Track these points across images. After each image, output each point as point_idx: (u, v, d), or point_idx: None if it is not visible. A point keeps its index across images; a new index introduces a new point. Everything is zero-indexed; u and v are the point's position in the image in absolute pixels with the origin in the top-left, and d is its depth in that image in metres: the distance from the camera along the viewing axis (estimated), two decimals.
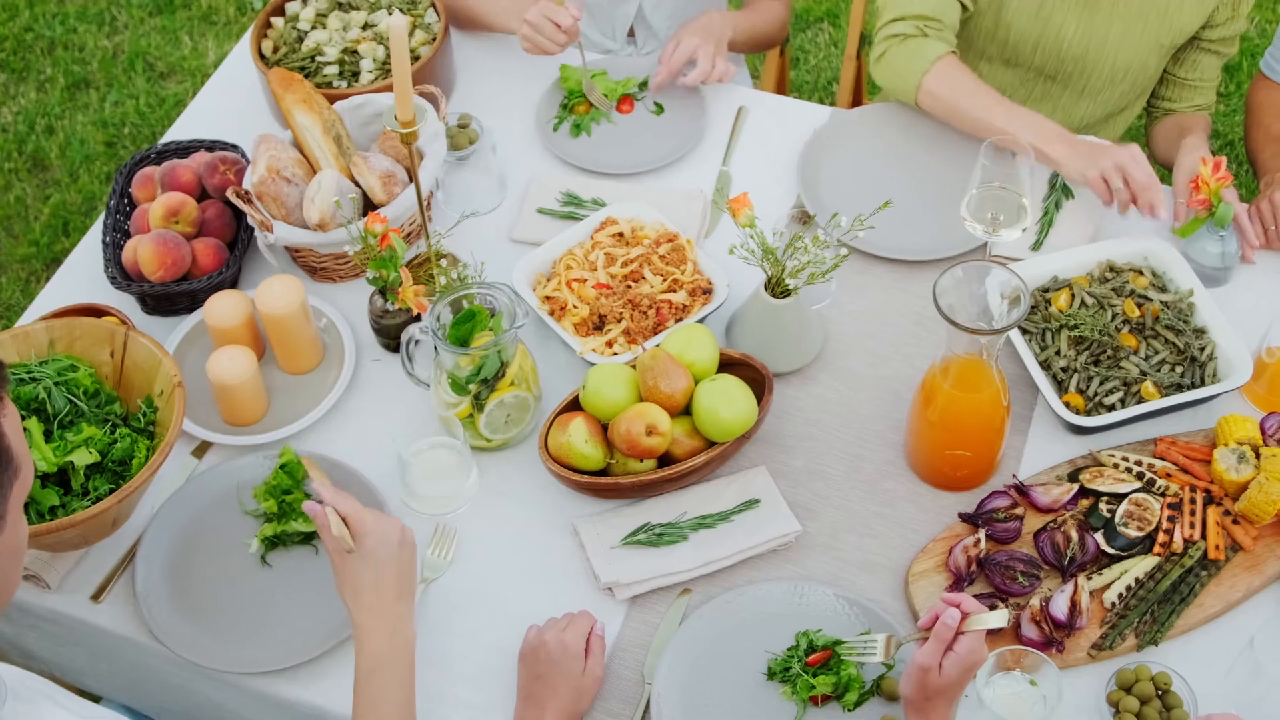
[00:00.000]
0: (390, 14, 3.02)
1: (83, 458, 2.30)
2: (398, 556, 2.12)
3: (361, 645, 2.09)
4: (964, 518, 2.42)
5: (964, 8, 2.95)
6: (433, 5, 3.04)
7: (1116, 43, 2.96)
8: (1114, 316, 2.59)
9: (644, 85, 3.08)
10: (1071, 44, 2.96)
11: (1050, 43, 2.97)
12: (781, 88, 3.66)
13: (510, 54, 3.16)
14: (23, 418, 2.20)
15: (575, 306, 2.61)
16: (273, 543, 2.42)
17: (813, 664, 2.25)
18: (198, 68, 4.84)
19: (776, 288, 2.51)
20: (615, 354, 2.56)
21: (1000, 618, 2.00)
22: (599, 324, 2.60)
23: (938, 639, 2.01)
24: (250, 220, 2.66)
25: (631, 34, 3.34)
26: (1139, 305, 2.60)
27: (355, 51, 2.99)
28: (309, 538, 2.43)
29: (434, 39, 2.98)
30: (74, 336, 2.44)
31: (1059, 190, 2.84)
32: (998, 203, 2.58)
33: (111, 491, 2.30)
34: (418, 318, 2.58)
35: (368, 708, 2.07)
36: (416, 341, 2.53)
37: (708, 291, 2.64)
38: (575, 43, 3.00)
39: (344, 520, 2.10)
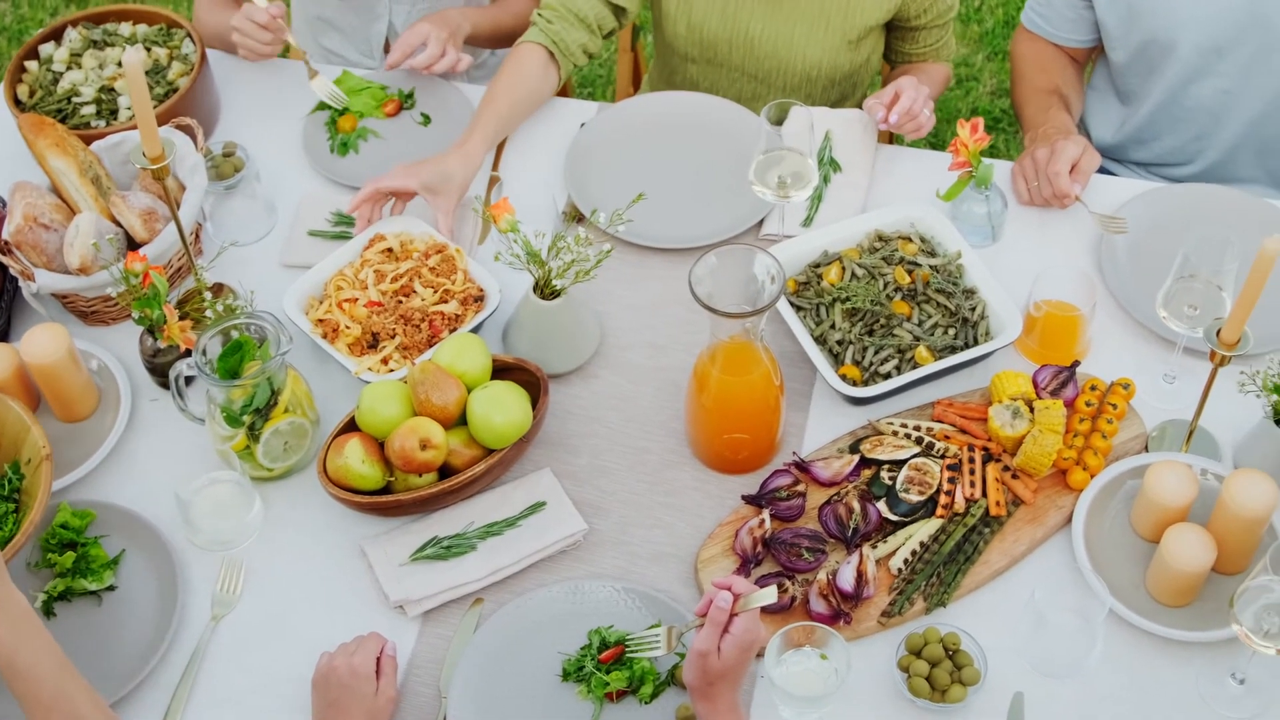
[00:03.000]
0: (148, 50, 2.97)
1: None
2: None
3: None
4: (747, 499, 2.43)
5: (619, 9, 2.99)
6: (189, 35, 3.00)
7: (803, 41, 2.99)
8: (885, 285, 2.61)
9: (409, 97, 3.05)
10: (761, 43, 3.00)
11: (742, 42, 3.01)
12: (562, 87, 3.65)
13: (273, 78, 3.12)
14: None
15: (348, 327, 2.58)
16: (61, 596, 2.37)
17: (605, 661, 2.25)
18: None
19: (545, 289, 2.51)
20: (392, 370, 2.54)
21: (770, 594, 2.02)
22: (373, 342, 2.58)
23: (712, 623, 2.02)
24: (12, 270, 2.61)
25: (387, 50, 3.32)
26: (909, 272, 2.63)
27: (113, 89, 2.94)
28: (94, 593, 2.39)
29: (192, 69, 2.94)
30: None
31: (827, 165, 2.87)
32: (784, 166, 2.60)
33: None
34: (189, 353, 2.54)
35: (26, 684, 1.93)
36: (187, 378, 2.49)
37: (480, 299, 2.63)
38: (286, 41, 3.00)
39: None
